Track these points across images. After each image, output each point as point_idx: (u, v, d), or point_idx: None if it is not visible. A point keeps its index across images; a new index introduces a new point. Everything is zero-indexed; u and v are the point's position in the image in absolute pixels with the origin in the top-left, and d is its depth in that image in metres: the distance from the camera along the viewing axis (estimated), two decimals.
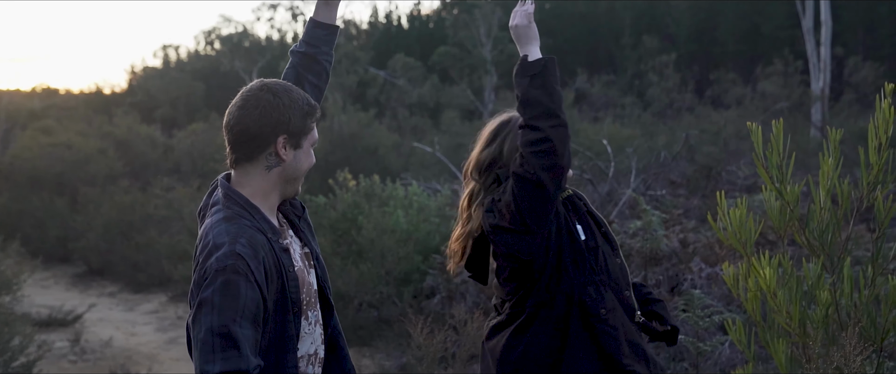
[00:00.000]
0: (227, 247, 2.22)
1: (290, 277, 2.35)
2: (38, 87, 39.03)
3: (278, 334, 2.33)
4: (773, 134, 3.69)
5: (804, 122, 19.08)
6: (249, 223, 2.31)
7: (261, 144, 2.34)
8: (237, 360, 2.14)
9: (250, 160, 2.36)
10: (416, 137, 19.75)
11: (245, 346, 2.17)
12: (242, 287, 2.18)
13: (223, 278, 2.18)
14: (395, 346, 7.62)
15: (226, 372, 2.13)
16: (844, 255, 3.77)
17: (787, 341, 3.68)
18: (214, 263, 2.20)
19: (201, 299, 2.18)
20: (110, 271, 12.70)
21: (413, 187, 9.45)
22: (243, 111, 2.34)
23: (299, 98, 2.38)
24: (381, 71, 29.22)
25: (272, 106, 2.33)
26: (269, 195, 2.40)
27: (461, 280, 7.77)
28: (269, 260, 2.29)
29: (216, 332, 2.14)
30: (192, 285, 2.25)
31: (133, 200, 13.32)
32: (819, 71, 21.05)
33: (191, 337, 2.26)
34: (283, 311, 2.33)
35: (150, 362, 8.27)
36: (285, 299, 2.33)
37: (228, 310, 2.16)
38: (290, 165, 2.38)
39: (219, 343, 2.14)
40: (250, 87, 2.38)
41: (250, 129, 2.33)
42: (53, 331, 9.39)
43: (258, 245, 2.26)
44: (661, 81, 25.55)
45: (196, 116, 27.89)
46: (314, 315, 2.49)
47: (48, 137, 18.90)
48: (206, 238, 2.29)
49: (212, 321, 2.15)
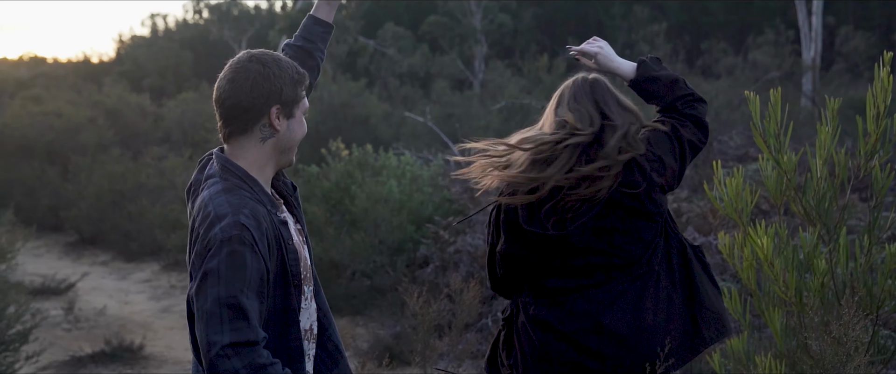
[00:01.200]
0: (230, 217, 2.21)
1: (290, 249, 2.36)
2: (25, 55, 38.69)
3: (281, 306, 2.35)
4: (771, 103, 3.70)
5: (795, 91, 19.10)
6: (249, 195, 2.30)
7: (254, 115, 2.32)
8: (246, 331, 2.15)
9: (244, 133, 2.35)
10: (407, 106, 19.70)
11: (253, 317, 2.18)
12: (248, 258, 2.19)
13: (229, 249, 2.17)
14: (389, 315, 7.66)
15: (235, 343, 2.14)
16: (841, 224, 3.79)
17: (783, 310, 3.71)
18: (219, 233, 2.19)
19: (206, 270, 2.18)
20: (102, 240, 12.68)
21: (406, 157, 9.46)
22: (234, 84, 2.32)
23: (288, 67, 2.36)
24: (370, 40, 29.08)
25: (263, 76, 2.31)
26: (264, 167, 2.39)
27: (454, 250, 7.80)
28: (271, 232, 2.29)
29: (224, 303, 2.15)
30: (194, 256, 2.24)
31: (124, 169, 13.28)
32: (810, 40, 21.06)
33: (192, 308, 2.26)
34: (284, 283, 2.34)
35: (144, 330, 8.29)
36: (285, 272, 2.34)
37: (236, 281, 2.16)
38: (284, 136, 2.38)
39: (227, 314, 2.14)
40: (238, 58, 2.36)
41: (242, 101, 2.31)
42: (47, 299, 9.39)
43: (260, 216, 2.26)
44: (652, 50, 25.51)
45: (185, 85, 27.73)
46: (309, 290, 2.50)
47: (38, 105, 18.77)
48: (206, 209, 2.27)
49: (219, 291, 2.15)
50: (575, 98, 3.10)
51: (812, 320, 3.69)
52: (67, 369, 7.28)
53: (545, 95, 16.89)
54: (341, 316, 8.20)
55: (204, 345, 2.15)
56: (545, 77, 18.29)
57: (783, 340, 3.71)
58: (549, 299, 3.01)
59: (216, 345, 2.13)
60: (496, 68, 23.51)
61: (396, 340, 6.97)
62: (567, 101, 3.10)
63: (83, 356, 7.47)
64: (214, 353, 2.13)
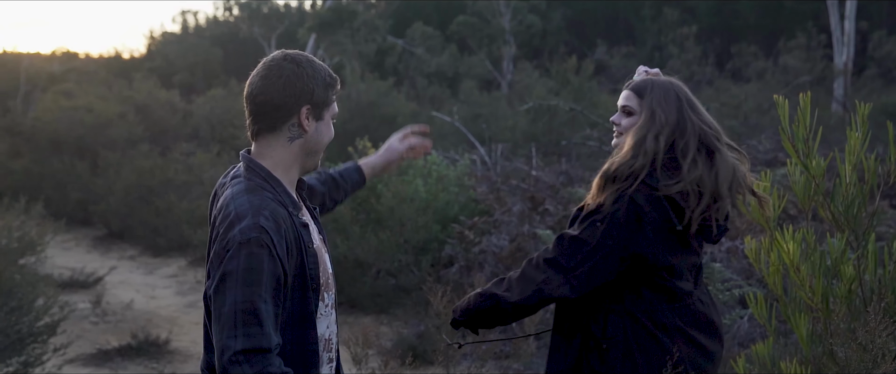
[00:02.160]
0: (250, 219, 2.21)
1: (310, 253, 2.35)
2: (57, 50, 39.09)
3: (298, 310, 2.33)
4: (801, 107, 3.67)
5: (826, 96, 18.92)
6: (271, 196, 2.30)
7: (284, 114, 2.33)
8: (259, 338, 2.16)
9: (273, 131, 2.35)
10: (434, 106, 19.72)
11: (267, 323, 2.18)
12: (266, 262, 2.18)
13: (247, 251, 2.17)
14: (413, 314, 7.68)
15: (248, 349, 2.14)
16: (869, 230, 3.75)
17: (809, 316, 3.68)
18: (238, 235, 2.19)
19: (225, 272, 2.18)
20: (130, 235, 12.80)
21: (432, 157, 9.46)
22: (267, 81, 2.32)
23: (321, 69, 2.36)
24: (399, 39, 29.12)
25: (296, 75, 2.32)
26: (289, 169, 2.39)
27: (479, 250, 7.80)
28: (290, 234, 2.28)
29: (240, 307, 2.15)
30: (213, 255, 2.25)
31: (153, 164, 13.38)
32: (842, 45, 20.84)
33: (209, 306, 2.27)
34: (302, 287, 2.33)
35: (170, 325, 8.35)
36: (304, 275, 2.33)
37: (253, 285, 2.17)
38: (312, 137, 2.38)
39: (241, 319, 2.15)
40: (273, 57, 2.36)
41: (274, 99, 2.31)
42: (75, 292, 9.49)
43: (280, 218, 2.26)
44: (682, 53, 25.36)
45: (214, 82, 27.92)
46: (330, 298, 2.47)
47: (69, 100, 18.97)
48: (227, 209, 2.28)
49: (236, 295, 2.16)
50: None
51: (838, 326, 3.66)
52: (94, 362, 7.35)
53: (573, 97, 16.85)
54: (365, 315, 8.23)
55: (218, 349, 2.17)
56: (573, 78, 18.23)
57: (809, 346, 3.68)
58: (678, 303, 2.90)
59: (229, 350, 2.14)
60: (524, 69, 23.48)
61: (420, 339, 6.97)
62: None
63: (110, 350, 7.54)
64: (227, 358, 2.14)
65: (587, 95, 17.43)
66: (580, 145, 12.25)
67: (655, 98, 3.00)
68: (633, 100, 3.01)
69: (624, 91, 3.07)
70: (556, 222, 7.92)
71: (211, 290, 2.23)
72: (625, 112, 3.03)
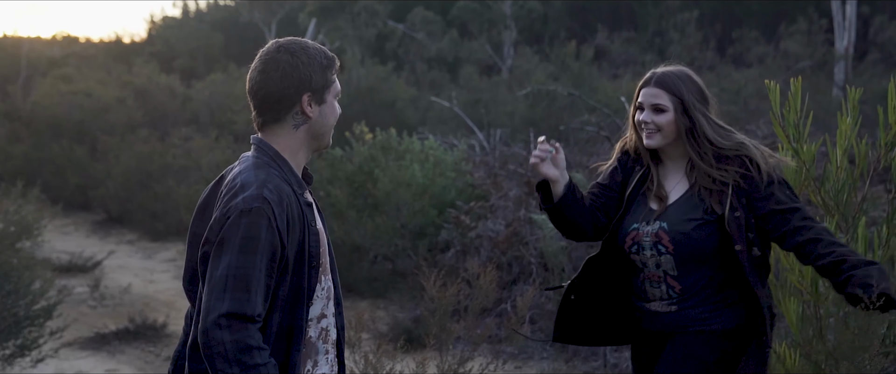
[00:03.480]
0: (254, 189, 2.28)
1: (312, 231, 2.39)
2: (58, 34, 38.97)
3: (296, 286, 2.36)
4: (791, 92, 3.67)
5: (827, 81, 18.87)
6: (278, 173, 2.37)
7: (286, 104, 2.38)
8: (244, 304, 2.21)
9: (278, 121, 2.41)
10: (433, 91, 19.69)
11: (256, 291, 2.23)
12: (264, 231, 2.24)
13: (247, 220, 2.24)
14: (409, 298, 7.69)
15: (231, 313, 2.19)
16: (860, 215, 3.76)
17: (799, 300, 3.69)
18: (240, 203, 2.26)
19: (223, 237, 2.25)
20: (129, 219, 12.82)
21: (429, 141, 9.46)
22: (264, 75, 2.38)
23: (316, 53, 2.40)
24: (399, 24, 29.03)
25: (292, 66, 2.36)
26: (297, 153, 2.44)
27: (475, 235, 7.81)
28: (294, 210, 2.34)
29: (232, 272, 2.21)
30: (213, 221, 2.30)
31: (152, 149, 13.38)
32: (844, 30, 20.77)
33: (200, 270, 2.33)
34: (300, 265, 2.36)
35: (167, 308, 8.38)
36: (304, 253, 2.36)
37: (248, 253, 2.22)
38: (317, 121, 2.43)
39: (231, 284, 2.21)
40: (267, 50, 2.41)
41: (274, 92, 2.37)
42: (73, 277, 9.52)
43: (284, 193, 2.32)
44: (683, 38, 25.27)
45: (215, 66, 27.84)
46: (327, 282, 2.48)
47: (68, 85, 18.94)
48: (233, 181, 2.36)
49: (230, 260, 2.22)
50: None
51: (828, 310, 3.67)
52: (92, 345, 7.39)
53: (572, 82, 16.83)
54: (362, 299, 8.24)
55: (204, 311, 2.22)
56: (573, 64, 18.19)
57: (799, 329, 3.69)
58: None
59: (214, 312, 2.19)
60: (524, 54, 23.41)
61: (415, 323, 7.00)
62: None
63: (107, 334, 7.57)
64: (211, 319, 2.19)
65: (587, 80, 17.40)
66: (579, 131, 12.23)
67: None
68: (664, 97, 3.05)
69: (652, 88, 3.07)
70: None
71: (205, 253, 2.29)
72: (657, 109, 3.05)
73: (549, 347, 6.65)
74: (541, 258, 7.31)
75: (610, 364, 6.04)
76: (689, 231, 2.99)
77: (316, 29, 27.86)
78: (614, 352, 6.15)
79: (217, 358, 2.18)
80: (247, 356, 2.19)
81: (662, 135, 3.04)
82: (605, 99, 14.70)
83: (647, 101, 3.06)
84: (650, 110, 3.05)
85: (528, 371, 6.35)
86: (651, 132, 3.05)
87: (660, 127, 3.03)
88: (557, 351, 6.53)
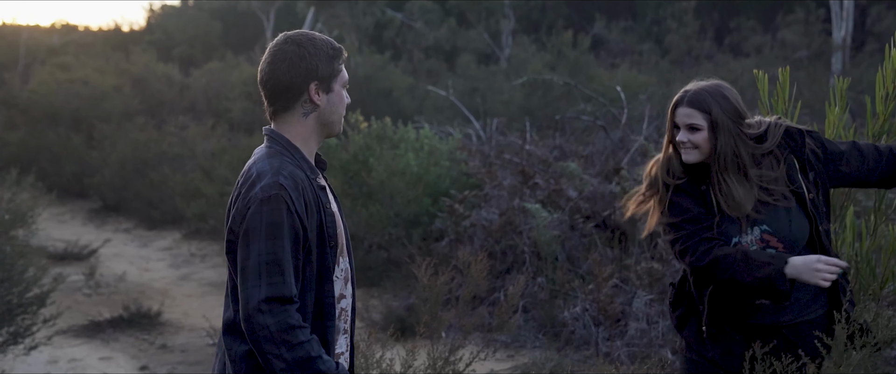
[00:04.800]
0: (270, 178, 2.42)
1: (328, 212, 2.53)
2: (57, 23, 38.87)
3: (319, 265, 2.51)
4: (780, 82, 3.68)
5: (824, 71, 18.86)
6: (290, 161, 2.50)
7: (295, 93, 2.51)
8: (281, 286, 2.36)
9: (287, 110, 2.54)
10: (430, 80, 19.68)
11: (288, 273, 2.38)
12: (285, 216, 2.39)
13: (268, 207, 2.38)
14: (403, 287, 7.71)
15: (270, 297, 2.35)
16: (848, 204, 3.77)
17: None
18: (259, 192, 2.40)
19: (248, 227, 2.40)
20: (125, 208, 12.83)
21: (424, 131, 9.46)
22: (273, 66, 2.51)
23: (323, 44, 2.54)
24: (398, 13, 28.98)
25: (299, 56, 2.50)
26: (308, 140, 2.57)
27: (469, 223, 7.82)
28: (308, 195, 2.47)
29: (264, 259, 2.36)
30: (235, 213, 2.46)
31: (148, 137, 13.38)
32: (841, 20, 20.75)
33: (228, 259, 2.50)
34: (321, 244, 2.50)
35: (162, 297, 8.40)
36: (323, 233, 2.50)
37: (275, 238, 2.37)
38: (325, 109, 2.56)
39: (265, 269, 2.36)
40: (275, 42, 2.55)
41: (282, 81, 2.50)
42: (69, 265, 9.54)
43: (298, 179, 2.46)
44: (680, 28, 25.23)
45: (213, 55, 27.81)
46: (345, 263, 2.62)
47: (65, 73, 18.90)
48: (249, 172, 2.49)
49: (260, 247, 2.37)
50: None
51: None
52: (86, 333, 7.41)
53: (568, 71, 16.81)
54: (357, 287, 8.24)
55: (243, 299, 2.37)
56: (569, 53, 18.17)
57: None
58: None
59: (254, 299, 2.35)
60: (522, 43, 23.37)
61: (409, 312, 7.01)
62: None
63: (101, 321, 7.59)
64: (252, 306, 2.35)
65: (583, 69, 17.38)
66: (575, 120, 12.24)
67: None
68: (697, 116, 3.13)
69: (685, 108, 3.14)
70: (546, 195, 7.93)
71: (232, 244, 2.46)
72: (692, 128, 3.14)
73: (541, 335, 6.67)
74: (534, 247, 7.33)
75: (602, 353, 6.06)
76: (788, 224, 3.12)
77: (314, 17, 27.80)
78: (607, 340, 6.18)
79: (263, 341, 2.34)
80: (291, 335, 2.35)
81: (700, 151, 3.15)
82: (601, 88, 14.69)
83: (682, 121, 3.16)
84: (686, 130, 3.16)
85: (520, 360, 6.37)
86: (689, 149, 3.16)
87: (696, 144, 3.15)
88: (550, 340, 6.55)
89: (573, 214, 7.65)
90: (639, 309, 6.20)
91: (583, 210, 7.75)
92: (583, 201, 7.81)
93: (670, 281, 3.44)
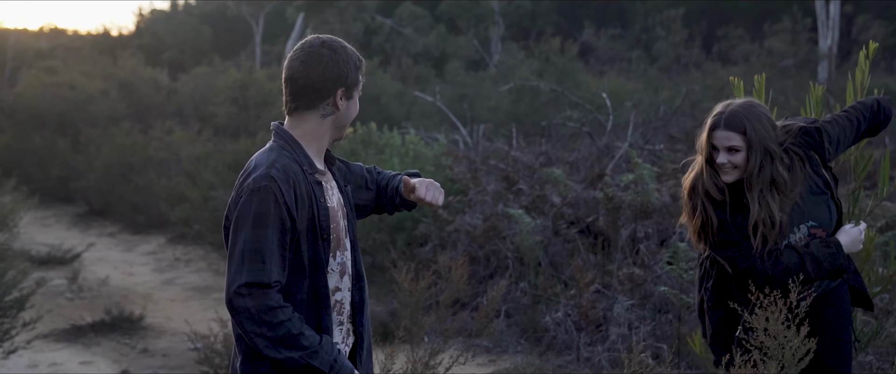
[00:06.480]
0: (263, 169, 2.56)
1: (321, 206, 2.63)
2: (45, 26, 38.79)
3: (311, 256, 2.62)
4: (755, 89, 3.71)
5: (810, 79, 18.95)
6: (289, 155, 2.63)
7: (322, 95, 2.63)
8: (260, 273, 2.50)
9: (310, 109, 2.66)
10: (419, 86, 19.69)
11: (270, 261, 2.51)
12: (272, 207, 2.52)
13: (257, 198, 2.53)
14: (386, 292, 7.70)
15: (250, 283, 2.49)
16: None
17: None
18: (251, 183, 2.55)
19: (238, 216, 2.55)
20: (110, 212, 12.78)
21: (410, 136, 9.46)
22: (307, 66, 2.62)
23: (353, 54, 2.68)
24: (387, 19, 28.99)
25: (334, 61, 2.62)
26: (321, 139, 2.70)
27: (453, 229, 7.82)
28: (302, 188, 2.59)
29: (248, 246, 2.51)
30: (230, 201, 2.62)
31: (133, 142, 13.33)
32: (827, 29, 20.88)
33: (225, 246, 2.63)
34: (313, 237, 2.61)
35: (145, 301, 8.37)
36: (315, 226, 2.61)
37: (260, 227, 2.51)
38: (343, 114, 2.69)
39: (248, 256, 2.51)
40: (310, 43, 2.66)
41: (314, 82, 2.62)
42: (52, 269, 9.49)
43: (291, 172, 2.58)
44: (669, 35, 25.33)
45: (202, 60, 27.77)
46: (342, 257, 2.72)
47: (52, 76, 18.85)
48: (249, 164, 2.65)
49: (245, 235, 2.52)
50: None
51: None
52: (67, 337, 7.37)
53: (556, 78, 16.85)
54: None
55: (227, 282, 2.53)
56: (557, 60, 18.22)
57: None
58: None
59: (235, 283, 2.50)
60: (511, 50, 23.42)
61: (392, 316, 7.01)
62: None
63: (83, 326, 7.56)
64: (234, 290, 2.50)
65: (571, 76, 17.43)
66: (561, 126, 12.27)
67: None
68: (736, 138, 3.22)
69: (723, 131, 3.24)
70: (530, 201, 7.95)
71: (227, 231, 2.61)
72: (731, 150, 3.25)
73: (523, 340, 6.67)
74: (517, 253, 7.34)
75: (583, 358, 6.06)
76: (828, 214, 3.34)
77: (304, 22, 27.79)
78: (588, 345, 6.18)
79: (246, 322, 2.50)
80: (270, 315, 2.49)
81: (740, 171, 3.26)
82: (588, 95, 14.73)
83: (721, 143, 3.25)
84: (725, 152, 3.25)
85: (502, 365, 6.37)
86: (729, 170, 3.26)
87: (736, 165, 3.25)
88: (531, 345, 6.56)
89: (557, 219, 7.66)
90: (620, 314, 6.21)
91: (566, 216, 7.77)
92: (566, 207, 7.83)
93: (704, 286, 3.52)
